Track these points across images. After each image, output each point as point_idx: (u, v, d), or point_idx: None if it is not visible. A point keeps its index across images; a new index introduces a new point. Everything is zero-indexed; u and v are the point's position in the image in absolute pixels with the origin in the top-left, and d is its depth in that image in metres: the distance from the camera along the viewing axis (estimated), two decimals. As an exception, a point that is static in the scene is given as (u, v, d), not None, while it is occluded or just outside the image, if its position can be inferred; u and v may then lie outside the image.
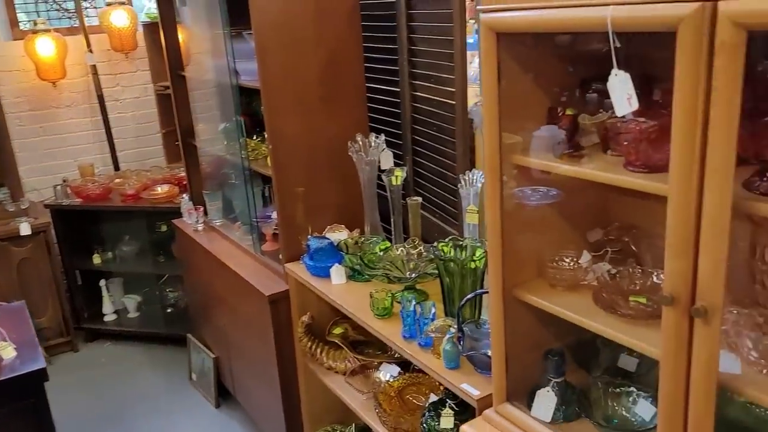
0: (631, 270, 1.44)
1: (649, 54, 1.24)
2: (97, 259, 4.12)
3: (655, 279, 1.39)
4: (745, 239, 1.22)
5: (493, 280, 1.49)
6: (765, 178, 1.03)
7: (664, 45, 1.02)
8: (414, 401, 2.22)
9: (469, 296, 1.77)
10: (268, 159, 2.61)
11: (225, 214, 3.37)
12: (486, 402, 1.64)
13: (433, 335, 1.82)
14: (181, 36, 3.33)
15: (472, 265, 1.83)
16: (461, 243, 1.97)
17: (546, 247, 1.54)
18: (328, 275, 2.38)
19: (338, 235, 2.55)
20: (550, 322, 1.56)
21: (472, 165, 2.31)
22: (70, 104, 4.28)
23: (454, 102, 2.26)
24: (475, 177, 2.01)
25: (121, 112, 4.43)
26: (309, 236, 2.46)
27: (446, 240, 1.97)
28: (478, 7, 1.34)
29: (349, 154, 2.41)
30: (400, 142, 2.71)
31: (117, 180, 3.99)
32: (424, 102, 2.51)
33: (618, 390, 1.52)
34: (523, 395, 1.59)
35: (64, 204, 3.94)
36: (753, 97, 1.05)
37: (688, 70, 0.97)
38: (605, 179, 1.24)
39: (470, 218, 1.99)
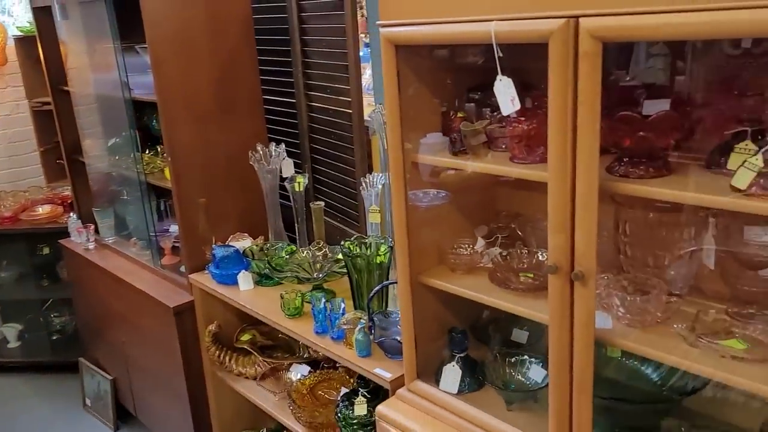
0: (519, 251, 1.65)
1: (525, 65, 1.45)
2: (-31, 288, 3.83)
3: (539, 257, 1.61)
4: (611, 217, 1.46)
5: (401, 268, 1.64)
6: (622, 164, 1.26)
7: (537, 57, 1.22)
8: (326, 396, 2.32)
9: (377, 287, 1.91)
10: (166, 171, 2.62)
11: (118, 231, 3.29)
12: (398, 383, 1.78)
13: (345, 327, 1.94)
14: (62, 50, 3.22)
15: (378, 260, 1.97)
16: (366, 241, 2.10)
17: (445, 237, 1.72)
18: (234, 282, 2.43)
19: (242, 243, 2.60)
20: (452, 304, 1.74)
21: (370, 169, 2.46)
22: (-67, 123, 3.96)
23: (350, 111, 2.40)
24: (375, 180, 2.16)
25: (-10, 130, 4.15)
26: (213, 245, 2.49)
27: (351, 239, 2.10)
28: (377, 22, 1.49)
29: (251, 163, 2.48)
30: (299, 151, 2.82)
31: (-10, 202, 3.75)
32: (321, 112, 2.64)
33: (513, 359, 1.72)
34: (431, 373, 1.75)
35: (-70, 229, 3.63)
36: (610, 99, 1.28)
37: (559, 75, 1.17)
38: (497, 171, 1.43)
39: (373, 218, 2.14)
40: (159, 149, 2.94)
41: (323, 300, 2.08)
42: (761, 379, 1.13)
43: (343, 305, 2.06)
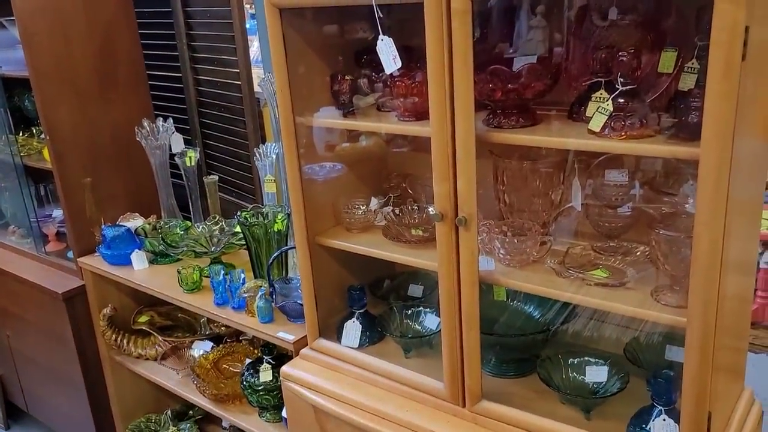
0: (410, 208, 1.74)
1: (408, 26, 1.53)
2: None
3: (428, 212, 1.69)
4: (490, 170, 1.58)
5: (298, 229, 1.68)
6: (496, 116, 1.37)
7: (418, 18, 1.29)
8: (231, 369, 2.33)
9: (276, 252, 1.94)
10: (45, 153, 2.49)
11: (-7, 220, 3.08)
12: (301, 344, 1.83)
13: (245, 296, 1.96)
14: None
15: (276, 228, 2.00)
16: (263, 210, 2.12)
17: (341, 200, 1.77)
18: (128, 263, 2.36)
19: (134, 222, 2.53)
20: (350, 264, 1.81)
21: (263, 140, 2.47)
22: None
23: (239, 83, 2.39)
24: (268, 149, 2.18)
25: None
26: (102, 227, 2.41)
27: (248, 209, 2.11)
28: (260, -14, 1.50)
29: (137, 140, 2.41)
30: (188, 126, 2.76)
31: None
32: (209, 85, 2.60)
33: (410, 311, 1.82)
34: (333, 331, 1.81)
35: None
36: (482, 53, 1.39)
37: (434, 32, 1.25)
38: (385, 129, 1.50)
39: (269, 187, 2.16)
40: (34, 130, 2.78)
41: (222, 272, 2.08)
42: (620, 300, 1.28)
43: (243, 276, 2.07)
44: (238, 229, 2.20)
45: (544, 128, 1.34)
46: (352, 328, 1.76)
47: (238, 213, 2.07)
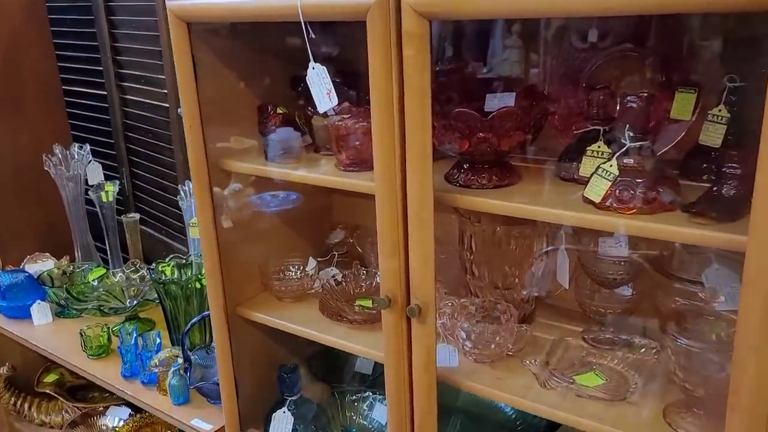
0: (356, 273, 1.40)
1: (350, 50, 1.20)
2: None
3: (379, 279, 1.36)
4: (454, 232, 1.25)
5: (213, 299, 1.34)
6: (462, 170, 1.04)
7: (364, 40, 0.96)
8: (150, 445, 1.95)
9: (194, 320, 1.58)
10: (-63, 180, 2.10)
11: None
12: (222, 435, 1.48)
13: (156, 370, 1.60)
14: None
15: (198, 285, 1.64)
16: (185, 261, 1.77)
17: (271, 257, 1.43)
18: (28, 316, 1.98)
19: (41, 265, 2.15)
20: (283, 337, 1.46)
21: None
22: None
23: (167, 105, 2.04)
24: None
25: None
26: (-1, 271, 2.03)
27: (167, 260, 1.75)
28: (164, -7, 1.16)
29: (46, 169, 2.04)
30: (114, 152, 2.39)
31: None
32: (136, 106, 2.24)
33: (355, 397, 1.47)
34: (261, 419, 1.46)
35: None
36: (466, 91, 1.07)
37: (380, 61, 0.92)
38: (317, 181, 1.17)
39: (194, 232, 1.80)
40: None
41: (134, 334, 1.72)
42: (622, 422, 0.96)
43: (159, 340, 1.71)
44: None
45: (524, 189, 1.02)
46: (282, 421, 1.41)
47: (153, 265, 1.71)
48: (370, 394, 1.46)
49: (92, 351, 1.76)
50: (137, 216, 2.04)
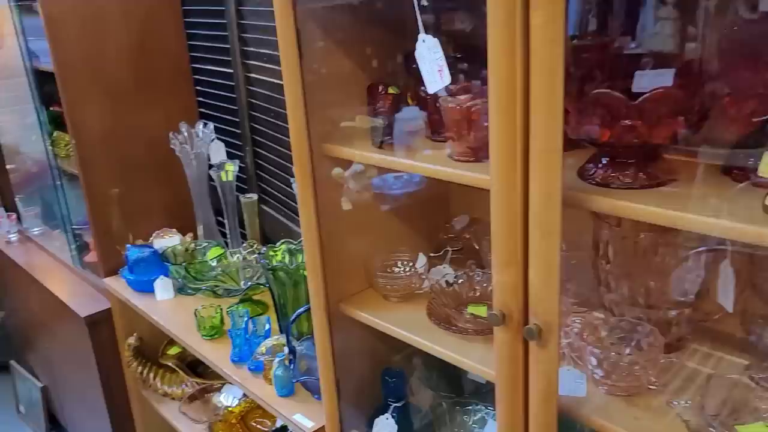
0: (469, 274, 1.24)
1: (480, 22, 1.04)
2: None
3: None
4: (588, 233, 1.06)
5: (315, 295, 1.25)
6: (600, 166, 0.85)
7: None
8: (259, 427, 1.95)
9: (299, 311, 1.51)
10: (79, 156, 2.21)
11: (46, 220, 2.90)
12: (323, 434, 1.40)
13: (262, 358, 1.56)
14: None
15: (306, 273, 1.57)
16: (296, 246, 1.71)
17: (378, 251, 1.32)
18: (153, 290, 2.04)
19: (168, 241, 2.20)
20: (387, 336, 1.35)
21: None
22: None
23: (286, 84, 1.98)
24: (309, 169, 1.76)
25: None
26: (128, 245, 2.10)
27: (278, 244, 1.70)
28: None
29: (171, 147, 2.08)
30: (239, 131, 2.40)
31: None
32: (260, 84, 2.22)
33: (467, 409, 1.33)
34: (363, 421, 1.37)
35: None
36: (611, 70, 0.87)
37: (502, 30, 0.76)
38: (425, 171, 1.02)
39: (306, 217, 1.73)
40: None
41: (246, 318, 1.70)
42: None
43: (268, 326, 1.67)
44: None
45: (681, 192, 0.81)
46: (385, 427, 1.30)
47: (264, 250, 1.66)
48: (483, 408, 1.31)
49: (205, 332, 1.76)
50: (255, 197, 2.02)
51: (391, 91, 1.20)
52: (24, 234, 2.87)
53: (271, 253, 1.68)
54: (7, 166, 2.95)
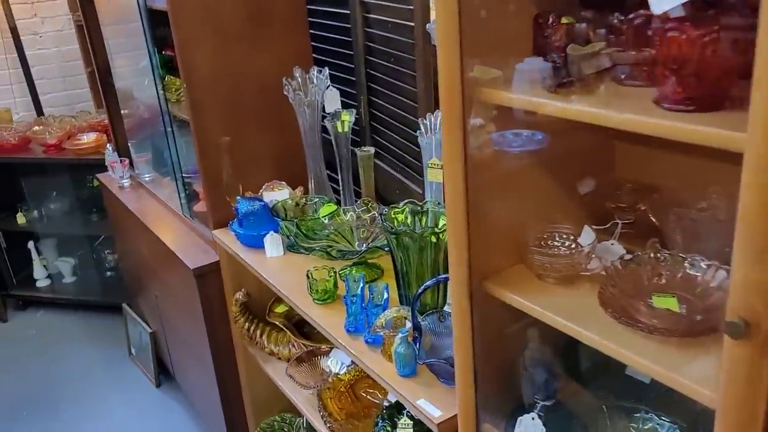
0: (652, 255, 0.99)
1: None
2: (21, 219, 3.62)
3: (689, 269, 0.95)
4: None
5: (456, 269, 1.05)
6: None
7: None
8: (369, 398, 1.81)
9: (429, 282, 1.33)
10: (190, 101, 2.11)
11: (157, 167, 2.87)
12: (451, 425, 1.23)
13: (382, 332, 1.39)
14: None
15: (434, 239, 1.38)
16: (420, 208, 1.51)
17: (531, 220, 1.09)
18: (262, 245, 1.92)
19: (277, 194, 2.08)
20: (537, 321, 1.13)
21: (436, 105, 1.83)
22: (-22, 39, 3.68)
23: (412, 23, 1.76)
24: (437, 122, 1.54)
25: (42, 48, 3.83)
26: (238, 197, 1.99)
27: (401, 205, 1.51)
28: None
29: (284, 93, 1.92)
30: (353, 78, 2.21)
31: (36, 128, 3.44)
32: (379, 26, 2.00)
33: (634, 417, 1.10)
34: (501, 416, 1.18)
35: (-26, 157, 3.40)
36: None
37: None
38: (633, 125, 0.77)
39: (432, 175, 1.53)
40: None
41: (362, 283, 1.54)
42: None
43: (386, 295, 1.51)
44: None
45: None
46: (530, 428, 1.10)
47: (385, 211, 1.48)
48: (654, 416, 1.08)
49: (317, 296, 1.62)
50: (372, 150, 1.84)
51: (564, 21, 0.96)
52: (135, 180, 2.86)
53: (393, 214, 1.49)
54: (122, 111, 2.93)
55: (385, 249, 1.61)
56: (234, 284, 2.11)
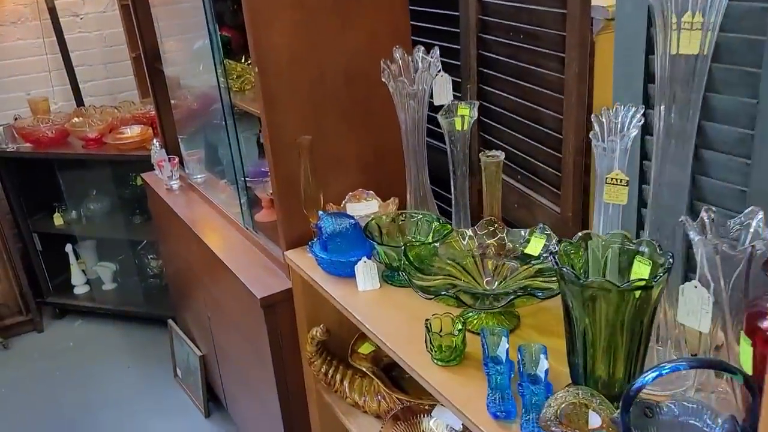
0: None
1: None
2: (58, 220, 3.29)
3: None
4: None
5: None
6: None
7: None
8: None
9: (652, 373, 0.88)
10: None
11: (210, 166, 2.49)
12: None
13: (555, 429, 0.95)
14: None
15: (638, 294, 0.93)
16: (594, 241, 1.07)
17: None
18: (350, 274, 1.51)
19: (364, 207, 1.67)
20: None
21: (589, 93, 1.38)
22: (16, 20, 3.34)
23: (566, -14, 1.31)
24: (619, 118, 1.10)
25: (83, 30, 3.48)
26: (320, 212, 1.57)
27: (569, 242, 1.06)
28: None
29: (383, 80, 1.49)
30: (457, 62, 1.78)
31: (75, 119, 3.10)
32: (503, -6, 1.56)
33: None
34: None
35: (9, 150, 3.07)
36: None
37: None
38: None
39: (611, 195, 1.09)
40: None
41: (506, 343, 1.11)
42: None
43: (545, 363, 1.07)
44: (544, 262, 1.19)
45: None
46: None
47: (555, 246, 1.04)
48: None
49: (441, 356, 1.20)
50: (501, 155, 1.40)
51: None
52: (185, 181, 2.47)
53: (563, 249, 1.05)
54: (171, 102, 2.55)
55: (537, 296, 1.17)
56: (309, 318, 1.71)
